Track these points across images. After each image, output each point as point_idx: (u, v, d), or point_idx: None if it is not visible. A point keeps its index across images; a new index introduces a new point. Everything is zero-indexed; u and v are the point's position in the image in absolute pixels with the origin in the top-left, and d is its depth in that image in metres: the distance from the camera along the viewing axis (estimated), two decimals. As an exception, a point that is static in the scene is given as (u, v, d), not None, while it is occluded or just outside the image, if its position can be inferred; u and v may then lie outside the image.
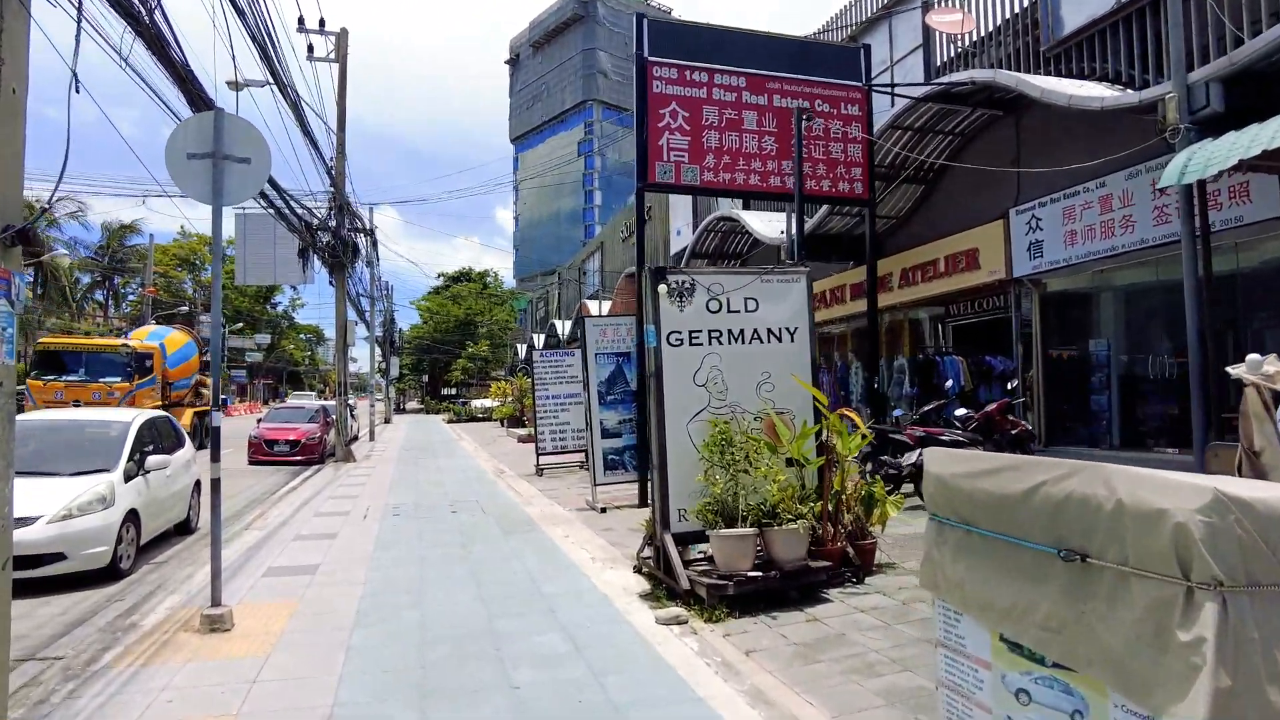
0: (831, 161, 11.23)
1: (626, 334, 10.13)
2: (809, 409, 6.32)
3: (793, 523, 5.52)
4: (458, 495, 12.01)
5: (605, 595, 5.90)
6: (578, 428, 14.67)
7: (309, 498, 12.28)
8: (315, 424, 20.64)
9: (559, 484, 13.01)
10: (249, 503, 12.71)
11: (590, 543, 7.87)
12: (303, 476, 16.21)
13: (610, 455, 9.99)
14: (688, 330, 6.00)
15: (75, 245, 50.98)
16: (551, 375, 14.66)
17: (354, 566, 7.06)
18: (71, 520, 7.13)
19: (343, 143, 19.34)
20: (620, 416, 10.05)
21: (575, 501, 10.83)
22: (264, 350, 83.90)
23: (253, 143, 5.48)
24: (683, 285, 5.98)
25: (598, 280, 40.21)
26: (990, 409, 10.08)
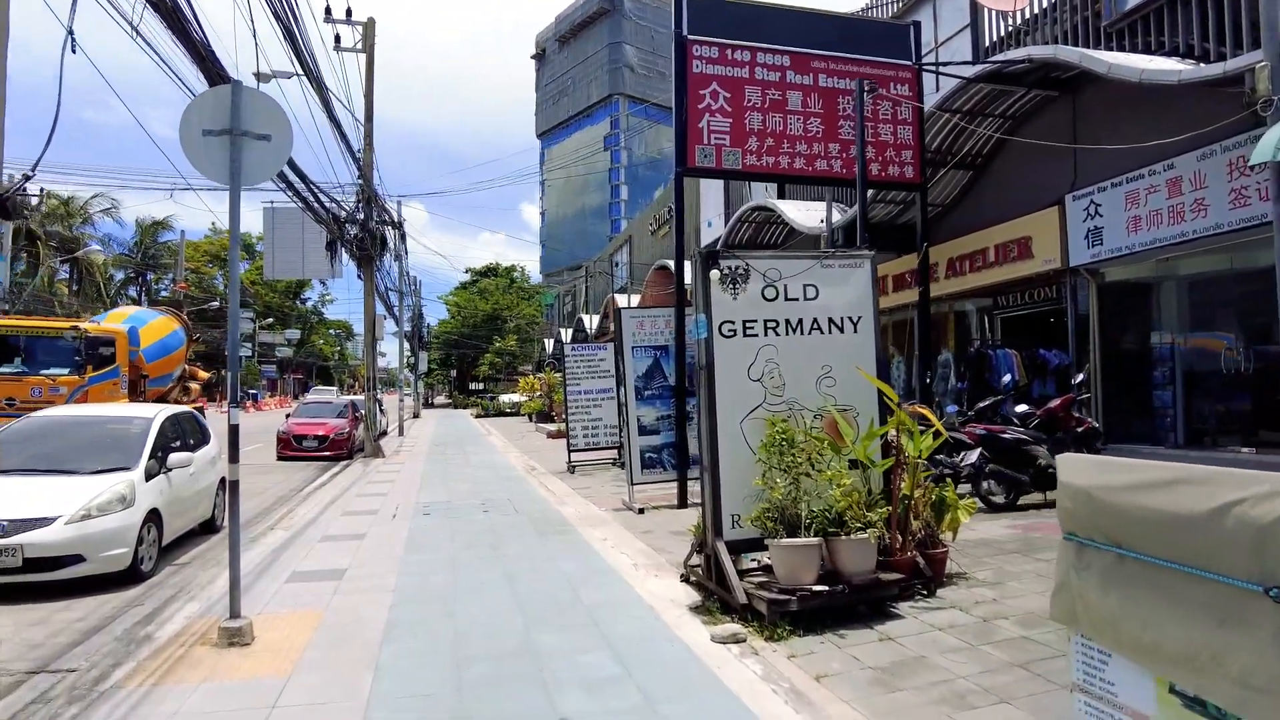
0: (880, 144, 10.65)
1: (664, 326, 9.65)
2: (873, 406, 5.80)
3: (861, 531, 5.01)
4: (489, 493, 11.63)
5: (652, 607, 5.44)
6: (610, 424, 14.24)
7: (337, 495, 11.97)
8: (344, 419, 20.44)
9: (592, 482, 12.57)
10: (276, 500, 12.44)
11: (630, 546, 7.42)
12: (331, 473, 15.96)
13: (648, 453, 9.54)
14: (741, 320, 5.50)
15: (109, 242, 51.57)
16: (583, 370, 14.23)
17: (383, 571, 6.67)
18: (90, 521, 6.81)
19: (370, 134, 19.04)
20: (658, 413, 9.58)
21: (611, 501, 10.39)
22: (294, 345, 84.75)
23: (273, 118, 5.07)
24: (736, 271, 5.48)
25: (626, 274, 39.75)
26: (1054, 405, 9.47)
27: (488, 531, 8.42)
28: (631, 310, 10.06)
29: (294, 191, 13.80)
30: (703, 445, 5.51)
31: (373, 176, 18.67)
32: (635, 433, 9.50)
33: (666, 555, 7.00)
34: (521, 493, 11.63)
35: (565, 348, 14.46)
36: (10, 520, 6.57)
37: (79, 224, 46.78)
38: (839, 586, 4.95)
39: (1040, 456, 8.88)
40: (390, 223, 19.60)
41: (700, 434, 5.55)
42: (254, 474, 16.30)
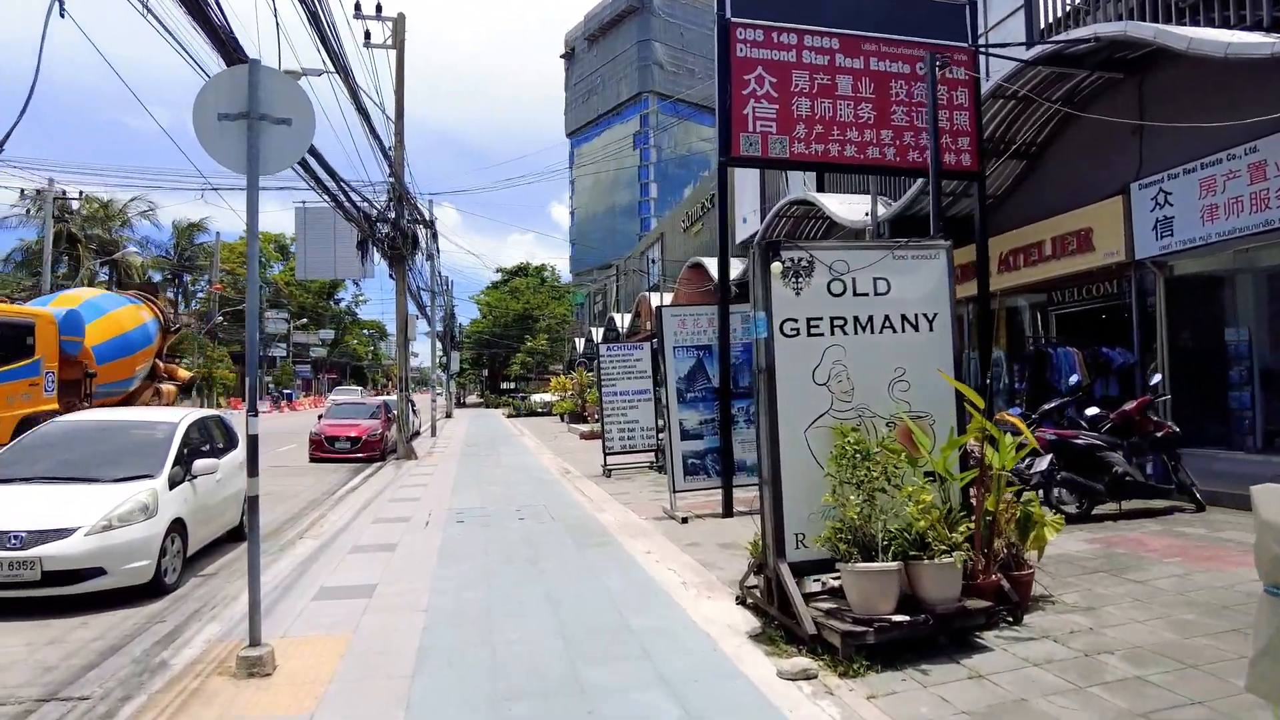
0: (937, 130, 10.02)
1: (708, 325, 9.14)
2: (950, 412, 5.25)
3: (946, 554, 4.47)
4: (524, 499, 11.21)
5: (708, 635, 4.94)
6: (647, 426, 13.77)
7: (369, 500, 11.64)
8: (376, 420, 20.22)
9: (630, 487, 12.10)
10: (308, 504, 12.15)
11: (676, 561, 6.92)
12: (364, 475, 15.70)
13: (691, 459, 9.03)
14: (805, 318, 4.98)
15: (147, 244, 52.23)
16: (619, 370, 13.77)
17: (415, 587, 6.25)
18: (112, 532, 6.49)
19: (401, 131, 18.76)
20: (702, 416, 9.07)
21: (650, 509, 9.91)
22: (328, 346, 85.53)
23: (294, 101, 4.66)
24: (799, 263, 4.96)
25: (658, 272, 39.24)
26: (1129, 408, 8.79)
27: (524, 542, 7.98)
28: (673, 308, 9.56)
29: (325, 190, 13.51)
30: (762, 456, 5.00)
31: (404, 174, 18.39)
32: (677, 437, 9.00)
33: (717, 572, 6.49)
34: (557, 498, 11.20)
35: (600, 347, 14.02)
36: (29, 531, 6.28)
37: (118, 227, 47.43)
38: (921, 616, 4.41)
39: (1116, 463, 8.23)
40: (421, 221, 19.30)
41: (759, 443, 5.03)
42: (286, 476, 16.10)
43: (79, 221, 44.07)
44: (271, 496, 13.07)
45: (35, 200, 41.19)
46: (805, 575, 4.97)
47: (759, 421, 5.05)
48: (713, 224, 30.50)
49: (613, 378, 13.74)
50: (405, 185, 18.03)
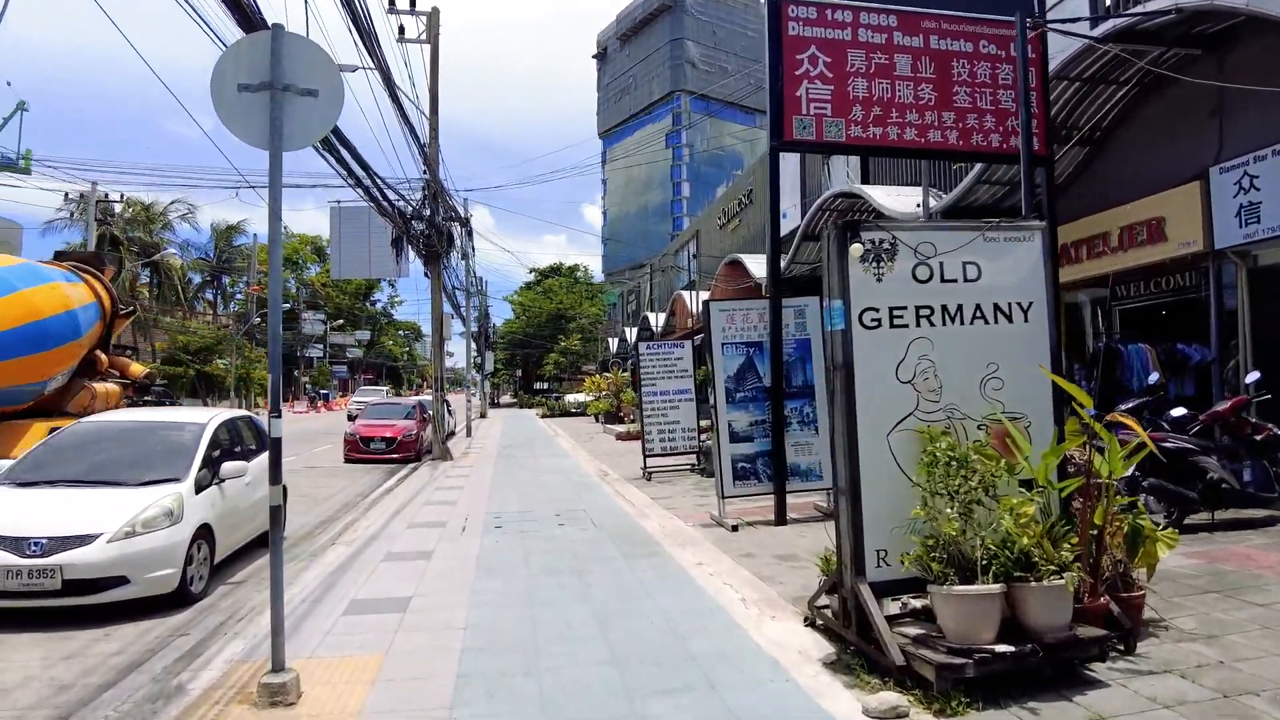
0: (1000, 112, 9.37)
1: (758, 320, 8.59)
2: (1048, 413, 4.66)
3: (1056, 575, 3.89)
4: (563, 502, 10.76)
5: (777, 662, 4.41)
6: (688, 427, 13.25)
7: (404, 503, 11.28)
8: (412, 420, 19.97)
9: (672, 491, 11.59)
10: (341, 507, 11.84)
11: (732, 575, 6.40)
12: (399, 476, 15.40)
13: (741, 463, 8.49)
14: (887, 307, 4.42)
15: (188, 246, 52.99)
16: (659, 369, 13.26)
17: (452, 602, 5.81)
18: (135, 539, 6.16)
19: (435, 127, 18.46)
20: (752, 417, 8.52)
21: (696, 514, 9.39)
22: (364, 346, 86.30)
23: (321, 70, 4.23)
24: (880, 246, 4.41)
25: (694, 269, 38.66)
26: (1222, 409, 8.07)
27: (566, 551, 7.51)
28: (722, 302, 9.02)
29: (359, 185, 13.21)
30: (838, 463, 4.46)
31: (438, 170, 18.09)
32: (726, 440, 8.46)
33: (778, 587, 5.96)
34: (598, 502, 10.73)
35: (639, 346, 13.53)
36: (49, 538, 5.96)
37: (159, 229, 48.11)
38: (1027, 646, 3.84)
39: (1210, 469, 7.51)
40: (457, 219, 18.99)
41: (834, 449, 4.49)
42: (321, 477, 15.87)
43: (120, 224, 44.74)
44: (305, 499, 12.80)
45: (79, 204, 41.91)
46: (887, 596, 4.43)
47: (834, 424, 4.51)
48: (750, 220, 29.84)
49: (652, 377, 13.24)
50: (440, 181, 17.72)
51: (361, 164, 12.88)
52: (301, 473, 16.56)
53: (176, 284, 49.34)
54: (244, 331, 53.53)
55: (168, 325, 48.93)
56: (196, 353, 50.14)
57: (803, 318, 8.69)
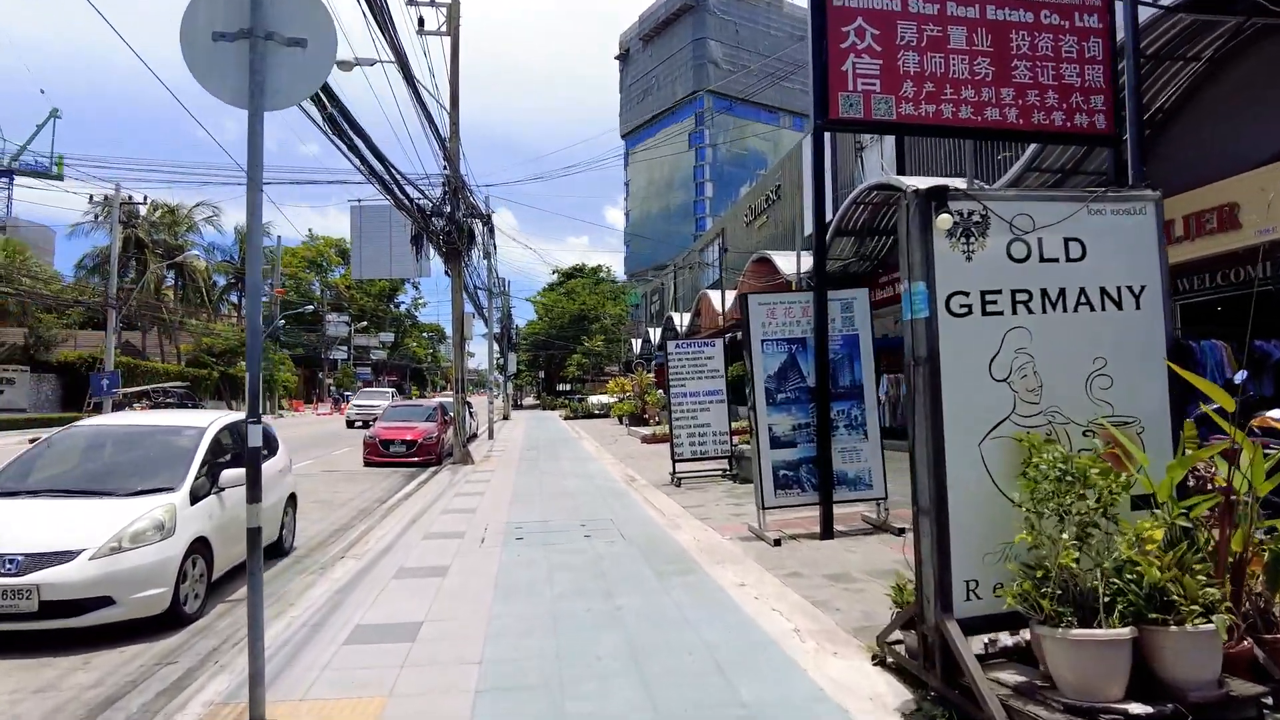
0: (1064, 88, 8.59)
1: (801, 314, 7.87)
2: (1163, 416, 3.93)
3: (1201, 618, 3.17)
4: (588, 510, 10.12)
5: (846, 713, 3.72)
6: (720, 430, 12.55)
7: (422, 510, 10.70)
8: (433, 423, 19.45)
9: (704, 499, 10.89)
10: (357, 514, 11.29)
11: (780, 598, 5.70)
12: (418, 481, 14.87)
13: (783, 471, 7.78)
14: (979, 291, 3.72)
15: (213, 249, 53.15)
16: (689, 369, 12.57)
17: (467, 630, 5.17)
18: (121, 554, 5.59)
19: (456, 122, 17.93)
20: (795, 420, 7.81)
21: (732, 526, 8.70)
22: (388, 348, 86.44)
23: (310, 16, 3.62)
24: (970, 218, 3.71)
25: (719, 268, 37.91)
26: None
27: (593, 569, 6.85)
28: (761, 296, 8.31)
29: (377, 179, 12.68)
30: (920, 476, 3.76)
31: (459, 165, 17.54)
32: (766, 445, 7.76)
33: (835, 614, 5.25)
34: (625, 511, 10.06)
35: (668, 345, 12.85)
36: (26, 554, 5.40)
37: (184, 231, 48.21)
38: (1167, 707, 3.11)
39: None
40: (478, 215, 18.45)
41: (916, 460, 3.79)
42: (339, 481, 15.37)
43: (145, 227, 44.86)
44: (321, 505, 12.28)
45: (104, 206, 42.01)
46: (977, 634, 3.72)
47: (914, 430, 3.81)
48: (779, 217, 29.05)
49: (681, 378, 12.56)
50: (461, 176, 17.18)
51: (377, 154, 12.33)
52: (319, 477, 16.08)
53: (201, 286, 49.42)
54: (268, 333, 53.60)
55: (193, 328, 49.04)
56: (221, 355, 50.26)
57: (850, 311, 7.97)
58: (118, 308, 35.00)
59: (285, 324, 62.32)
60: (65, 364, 37.61)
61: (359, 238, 25.63)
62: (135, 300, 40.94)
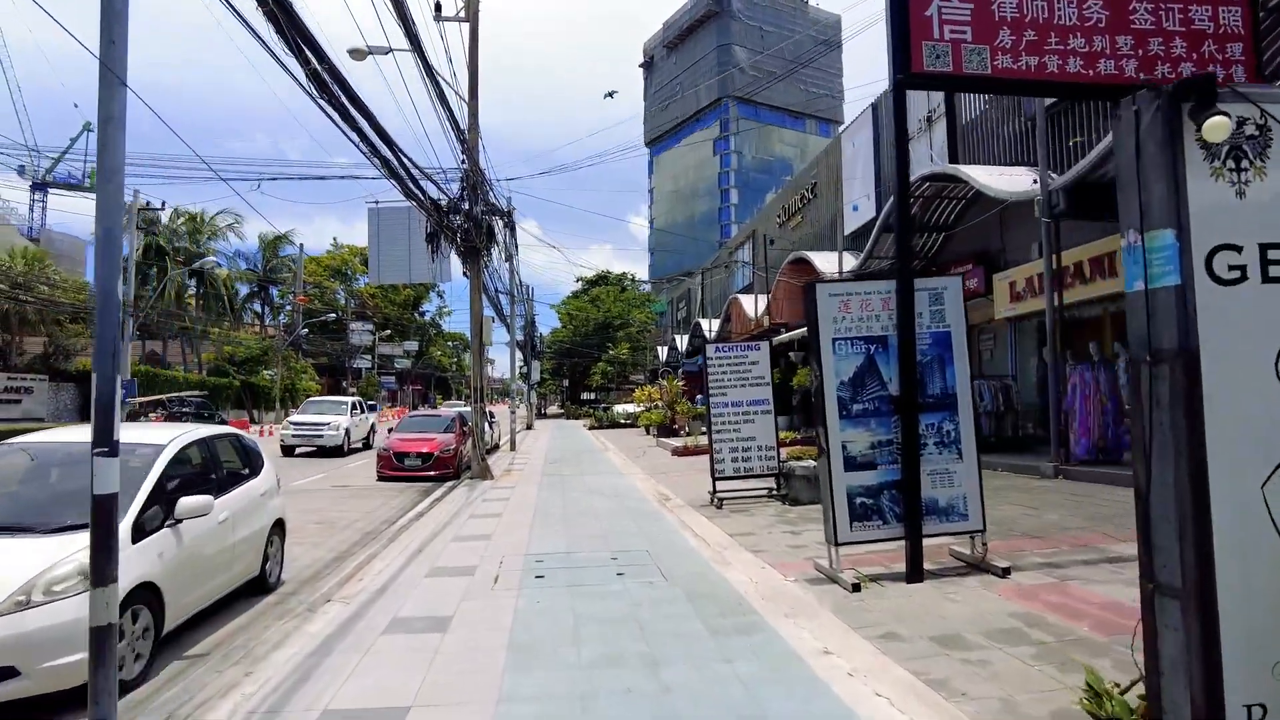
0: (1195, 34, 7.15)
1: (881, 307, 6.50)
2: None
3: None
4: (620, 538, 8.79)
5: None
6: (766, 445, 11.16)
7: (431, 534, 9.46)
8: (451, 434, 18.27)
9: (752, 524, 9.51)
10: (360, 538, 10.06)
11: (881, 674, 4.32)
12: (433, 498, 13.66)
13: (860, 499, 6.38)
14: (1257, 244, 2.36)
15: (235, 257, 52.69)
16: (731, 376, 11.21)
17: (467, 716, 3.87)
18: (29, 612, 4.36)
19: (475, 112, 16.79)
20: (873, 437, 6.43)
21: (794, 562, 7.33)
22: (412, 357, 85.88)
23: None
24: (1244, 133, 2.35)
25: (749, 273, 36.49)
26: None
27: (630, 620, 5.52)
28: (833, 285, 6.89)
29: (390, 173, 11.49)
30: (1161, 535, 2.40)
31: (478, 159, 16.38)
32: (839, 467, 6.38)
33: (965, 704, 3.87)
34: (663, 540, 8.72)
35: (707, 349, 11.47)
36: (-96, 613, 4.20)
37: (206, 239, 47.74)
38: None
39: None
40: (497, 212, 17.26)
41: (1153, 511, 2.42)
42: (348, 499, 14.19)
43: (166, 234, 44.40)
44: (323, 526, 11.09)
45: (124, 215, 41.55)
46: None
47: (1149, 465, 2.44)
48: (815, 216, 27.57)
49: (722, 385, 11.20)
50: (480, 170, 16.00)
51: (390, 143, 11.15)
52: (327, 493, 14.93)
53: (223, 294, 48.89)
54: (290, 342, 52.97)
55: (214, 336, 48.53)
56: (242, 364, 49.69)
57: (940, 304, 6.58)
58: (135, 315, 34.36)
59: (308, 332, 61.85)
60: (84, 373, 37.04)
61: (376, 241, 24.58)
62: (154, 308, 40.43)
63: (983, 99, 17.77)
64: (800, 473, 10.57)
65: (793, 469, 10.69)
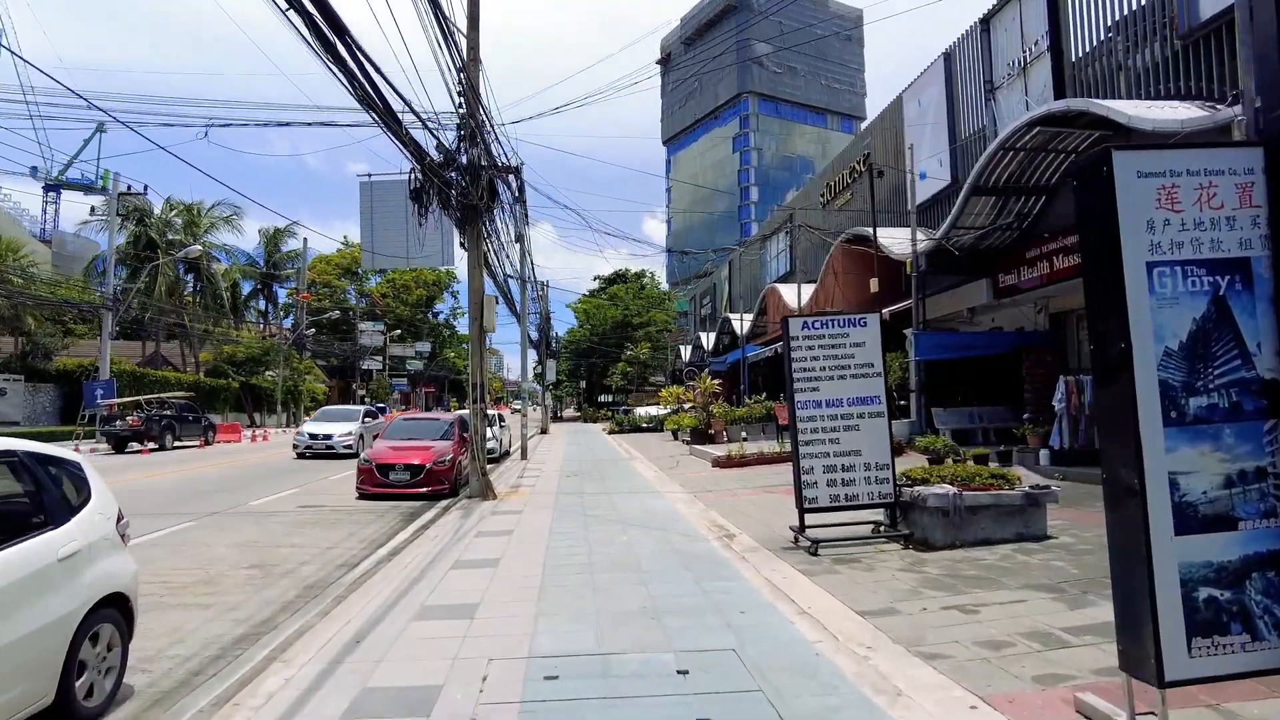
0: None
1: (1238, 199, 3.23)
2: None
3: None
4: (680, 618, 5.51)
5: None
6: (877, 461, 7.84)
7: (390, 599, 6.26)
8: (449, 442, 15.08)
9: (879, 588, 6.20)
10: (291, 601, 6.83)
11: None
12: (415, 527, 10.53)
13: (1207, 591, 3.08)
14: None
15: (232, 250, 49.90)
16: (824, 363, 7.92)
17: None
18: None
19: (476, 44, 13.61)
20: (1232, 462, 3.16)
21: (1001, 679, 4.04)
22: (424, 359, 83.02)
23: None
24: None
25: (787, 261, 33.11)
26: None
27: None
28: (1145, 155, 3.52)
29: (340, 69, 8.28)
30: None
31: (478, 103, 13.18)
32: (1165, 523, 3.08)
33: None
34: (753, 625, 5.39)
35: (791, 325, 8.12)
36: None
37: (203, 232, 44.93)
38: None
39: None
40: (503, 169, 14.03)
41: None
42: (308, 526, 10.94)
43: (159, 226, 41.61)
44: (257, 572, 7.95)
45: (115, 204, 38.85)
46: None
47: None
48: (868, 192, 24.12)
49: (812, 376, 7.91)
50: (482, 113, 12.79)
51: (343, 36, 7.96)
52: (288, 516, 11.76)
53: (221, 291, 46.07)
54: (292, 341, 50.13)
55: (212, 335, 45.71)
56: (242, 364, 46.87)
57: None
58: (114, 309, 31.53)
59: (314, 331, 59.04)
60: (65, 373, 34.27)
61: (369, 219, 21.57)
62: (143, 304, 37.61)
63: (1104, 24, 14.36)
64: (934, 504, 7.27)
65: (922, 497, 7.38)
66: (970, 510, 7.37)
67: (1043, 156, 14.61)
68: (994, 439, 17.20)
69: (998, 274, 17.16)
